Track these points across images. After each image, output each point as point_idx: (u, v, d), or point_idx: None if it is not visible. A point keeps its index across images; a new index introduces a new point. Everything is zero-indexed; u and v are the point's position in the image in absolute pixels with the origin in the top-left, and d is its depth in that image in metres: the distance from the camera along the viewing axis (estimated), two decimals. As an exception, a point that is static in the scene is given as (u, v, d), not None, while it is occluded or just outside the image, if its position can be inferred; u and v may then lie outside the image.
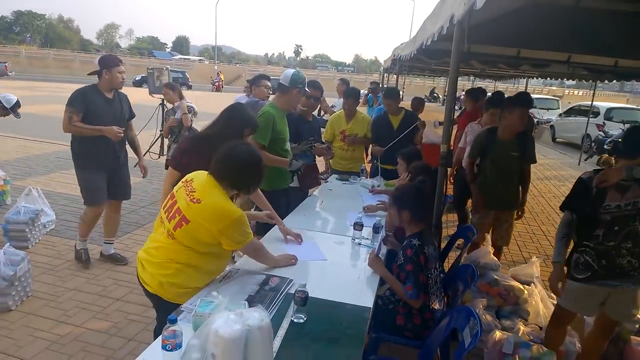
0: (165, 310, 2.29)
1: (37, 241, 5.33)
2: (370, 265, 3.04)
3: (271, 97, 5.25)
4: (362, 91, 8.03)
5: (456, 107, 7.82)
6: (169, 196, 2.70)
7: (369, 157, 7.36)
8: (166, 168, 6.04)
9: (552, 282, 3.22)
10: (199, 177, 2.62)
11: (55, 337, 3.61)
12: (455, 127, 6.40)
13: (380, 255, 3.19)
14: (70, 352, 3.44)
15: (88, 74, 4.64)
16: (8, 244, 4.31)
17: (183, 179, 2.69)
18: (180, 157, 3.38)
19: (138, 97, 5.64)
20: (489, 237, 4.53)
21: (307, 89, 4.44)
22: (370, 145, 6.33)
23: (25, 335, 3.61)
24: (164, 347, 1.92)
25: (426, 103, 9.76)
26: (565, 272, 3.24)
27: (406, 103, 7.53)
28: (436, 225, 3.73)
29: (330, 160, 6.15)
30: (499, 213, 4.63)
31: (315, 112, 6.90)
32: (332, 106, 8.78)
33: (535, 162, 4.54)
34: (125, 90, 4.86)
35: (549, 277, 3.26)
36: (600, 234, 3.07)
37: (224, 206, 2.51)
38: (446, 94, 3.73)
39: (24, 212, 5.21)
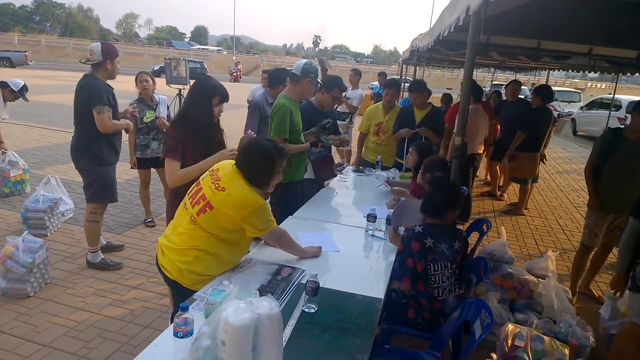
0: (183, 296, 2.36)
1: (55, 229, 5.42)
2: (391, 241, 3.20)
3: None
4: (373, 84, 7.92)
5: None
6: (194, 184, 2.75)
7: None
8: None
9: (614, 286, 3.33)
10: (225, 167, 2.68)
11: (73, 323, 3.68)
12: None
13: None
14: (87, 338, 3.49)
15: (83, 62, 4.33)
16: (27, 231, 4.36)
17: (209, 169, 2.75)
18: (175, 145, 3.16)
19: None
20: (503, 229, 4.51)
21: (331, 89, 4.52)
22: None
23: (44, 322, 3.68)
24: (175, 334, 1.95)
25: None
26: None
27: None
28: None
29: (362, 151, 6.06)
30: (616, 217, 4.39)
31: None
32: (348, 98, 8.71)
33: None
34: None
35: (612, 282, 3.36)
36: None
37: (247, 195, 2.57)
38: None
39: (42, 200, 5.28)
